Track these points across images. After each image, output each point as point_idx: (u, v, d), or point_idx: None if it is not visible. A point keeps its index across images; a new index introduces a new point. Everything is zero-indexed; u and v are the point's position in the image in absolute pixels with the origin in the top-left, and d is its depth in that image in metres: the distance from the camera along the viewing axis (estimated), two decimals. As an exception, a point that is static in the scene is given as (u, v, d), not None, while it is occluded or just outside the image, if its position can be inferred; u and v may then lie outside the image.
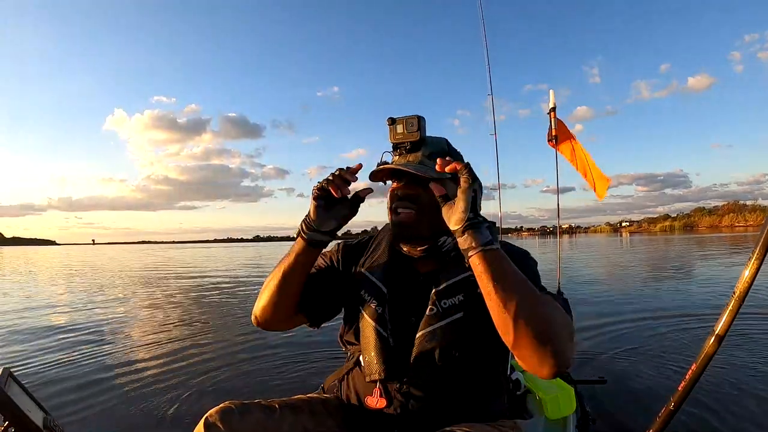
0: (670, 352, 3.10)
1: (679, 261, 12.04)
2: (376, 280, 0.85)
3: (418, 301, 0.81)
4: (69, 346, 3.57)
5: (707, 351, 0.90)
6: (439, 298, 0.79)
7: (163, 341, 3.75)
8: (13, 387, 0.75)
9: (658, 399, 2.21)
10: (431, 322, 0.78)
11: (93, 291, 7.92)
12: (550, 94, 2.65)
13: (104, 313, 5.33)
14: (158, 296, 7.01)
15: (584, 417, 1.58)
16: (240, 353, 3.30)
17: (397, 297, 0.83)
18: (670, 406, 0.98)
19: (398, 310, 0.83)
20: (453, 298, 0.78)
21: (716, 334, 0.88)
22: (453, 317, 0.77)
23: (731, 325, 0.87)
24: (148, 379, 2.71)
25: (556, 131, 2.65)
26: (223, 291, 7.58)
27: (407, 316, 0.82)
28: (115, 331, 4.19)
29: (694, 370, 0.92)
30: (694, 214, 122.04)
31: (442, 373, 0.78)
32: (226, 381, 2.65)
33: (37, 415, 0.78)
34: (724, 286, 6.29)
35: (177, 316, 5.05)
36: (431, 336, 0.77)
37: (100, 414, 2.19)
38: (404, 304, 0.83)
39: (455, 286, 0.79)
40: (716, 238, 29.41)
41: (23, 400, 0.76)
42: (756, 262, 0.82)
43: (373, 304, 0.83)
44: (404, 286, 0.84)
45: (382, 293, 0.83)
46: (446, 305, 0.78)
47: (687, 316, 4.32)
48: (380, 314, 0.82)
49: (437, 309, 0.78)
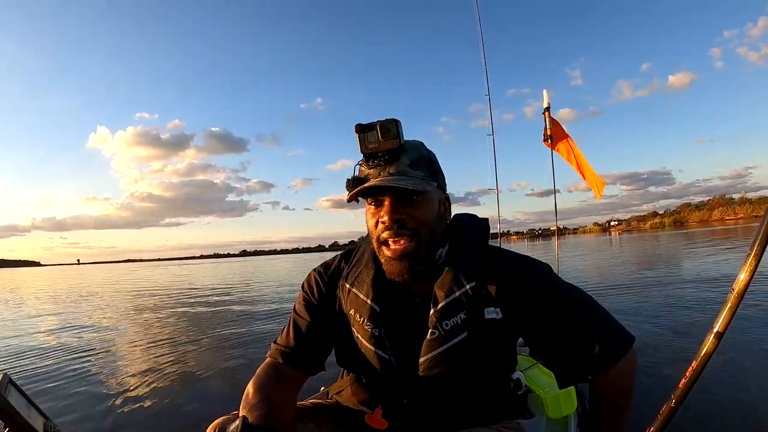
0: (670, 350, 3.11)
1: (679, 256, 12.06)
2: (366, 298, 0.78)
3: (417, 324, 0.75)
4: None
5: (707, 348, 0.90)
6: (440, 320, 0.72)
7: (165, 351, 3.73)
8: (13, 393, 0.75)
9: (658, 397, 2.21)
10: (434, 347, 0.73)
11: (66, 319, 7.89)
12: (544, 94, 2.65)
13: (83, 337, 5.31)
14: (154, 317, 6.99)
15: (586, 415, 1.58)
16: (239, 358, 3.29)
17: (391, 317, 0.78)
18: (671, 403, 0.98)
19: (395, 331, 0.77)
20: (454, 318, 0.72)
21: (716, 332, 0.88)
22: (457, 339, 0.72)
23: (731, 322, 0.87)
24: (148, 386, 2.70)
25: (551, 131, 2.65)
26: (212, 304, 7.60)
27: (406, 340, 0.76)
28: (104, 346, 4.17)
29: (695, 367, 0.92)
30: (682, 209, 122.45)
31: (448, 394, 0.75)
32: (228, 388, 2.64)
33: (37, 420, 0.77)
34: (725, 281, 6.30)
35: (169, 329, 5.03)
36: (436, 362, 0.73)
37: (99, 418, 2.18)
38: (401, 325, 0.77)
39: (455, 304, 0.73)
40: (709, 231, 29.45)
41: (23, 405, 0.75)
42: (754, 258, 0.82)
43: (368, 327, 0.77)
44: (398, 306, 0.78)
45: (376, 312, 0.77)
46: (448, 327, 0.72)
47: (687, 315, 4.32)
48: (377, 336, 0.76)
49: (439, 332, 0.72)
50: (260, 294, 9.16)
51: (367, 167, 0.74)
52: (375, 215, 0.74)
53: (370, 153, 0.72)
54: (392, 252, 0.72)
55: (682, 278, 6.98)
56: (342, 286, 0.82)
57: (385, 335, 0.77)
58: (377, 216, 0.74)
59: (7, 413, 0.69)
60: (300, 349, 0.81)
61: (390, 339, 0.77)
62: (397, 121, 0.70)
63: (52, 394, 2.71)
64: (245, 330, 4.71)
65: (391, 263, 0.73)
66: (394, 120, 0.70)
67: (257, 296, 8.69)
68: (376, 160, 0.72)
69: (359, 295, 0.79)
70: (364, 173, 0.74)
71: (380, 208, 0.73)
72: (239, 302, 7.58)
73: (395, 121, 0.70)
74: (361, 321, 0.77)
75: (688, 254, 12.67)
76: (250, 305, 7.08)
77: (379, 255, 0.76)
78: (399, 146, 0.71)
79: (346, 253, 0.90)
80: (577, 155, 2.67)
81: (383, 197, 0.73)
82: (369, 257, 0.82)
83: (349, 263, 0.86)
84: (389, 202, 0.72)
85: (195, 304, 7.69)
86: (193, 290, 10.66)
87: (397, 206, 0.72)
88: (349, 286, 0.81)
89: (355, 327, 0.79)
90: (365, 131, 0.71)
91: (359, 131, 0.71)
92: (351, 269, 0.84)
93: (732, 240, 17.60)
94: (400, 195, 0.71)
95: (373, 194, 0.73)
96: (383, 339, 0.77)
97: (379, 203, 0.74)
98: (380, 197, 0.73)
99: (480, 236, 0.82)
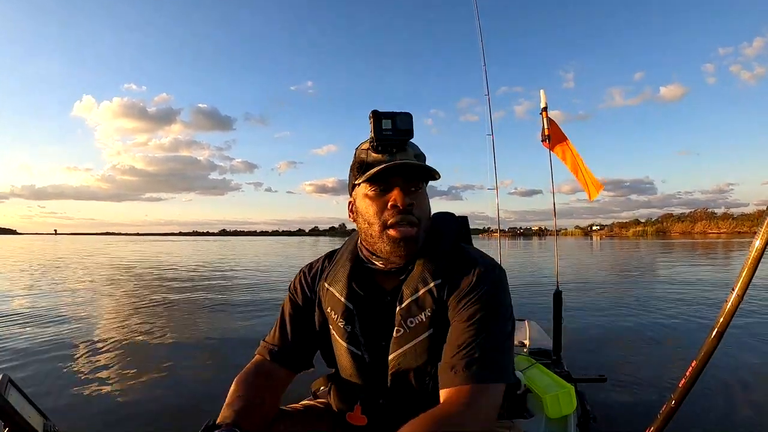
0: (670, 349, 3.11)
1: (672, 262, 12.08)
2: (340, 296, 0.80)
3: (387, 321, 0.77)
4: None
5: (708, 347, 0.90)
6: (404, 318, 0.74)
7: (147, 352, 3.71)
8: (13, 392, 0.75)
9: (659, 396, 2.21)
10: (400, 344, 0.75)
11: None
12: (541, 94, 2.64)
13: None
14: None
15: (585, 415, 1.58)
16: (232, 358, 3.28)
17: (364, 314, 0.79)
18: (671, 403, 0.98)
19: (368, 328, 0.79)
20: (419, 316, 0.74)
21: (717, 330, 0.88)
22: (421, 336, 0.74)
23: (731, 320, 0.87)
24: (130, 389, 2.69)
25: (548, 131, 2.65)
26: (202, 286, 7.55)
27: (377, 337, 0.78)
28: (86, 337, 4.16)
29: (695, 366, 0.92)
30: (664, 219, 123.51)
31: (420, 390, 0.76)
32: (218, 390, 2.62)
33: (37, 420, 0.77)
34: (721, 284, 6.31)
35: (151, 324, 5.01)
36: (402, 358, 0.74)
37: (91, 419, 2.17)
38: (373, 322, 0.78)
39: (419, 301, 0.74)
40: (697, 243, 29.47)
41: (23, 405, 0.75)
42: (754, 259, 0.82)
43: (341, 323, 0.79)
44: (370, 303, 0.79)
45: (349, 310, 0.79)
46: (412, 324, 0.74)
47: (688, 313, 4.33)
48: (350, 332, 0.78)
49: (404, 330, 0.74)
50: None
51: (376, 153, 0.74)
52: (379, 199, 0.74)
53: (383, 139, 0.72)
54: (400, 233, 0.73)
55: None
56: (322, 286, 0.85)
57: (359, 332, 0.78)
58: (382, 199, 0.74)
59: (7, 413, 0.69)
60: (286, 348, 0.83)
61: (364, 336, 0.79)
62: (411, 115, 0.74)
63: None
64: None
65: (398, 245, 0.73)
66: (409, 113, 0.73)
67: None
68: (388, 147, 0.73)
69: (335, 294, 0.81)
70: (374, 159, 0.74)
71: (387, 193, 0.74)
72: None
73: (410, 114, 0.73)
74: (336, 319, 0.80)
75: (685, 259, 12.68)
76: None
77: (379, 240, 0.75)
78: (409, 138, 0.74)
79: (330, 253, 0.92)
80: (575, 155, 2.67)
81: (394, 180, 0.73)
82: (347, 256, 0.84)
83: (331, 263, 0.88)
84: (401, 186, 0.73)
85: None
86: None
87: (407, 191, 0.73)
88: (327, 285, 0.83)
89: (332, 325, 0.81)
90: (381, 118, 0.72)
91: (376, 117, 0.72)
92: (331, 268, 0.85)
93: (727, 250, 17.61)
94: (410, 181, 0.74)
95: (389, 176, 0.73)
96: (357, 336, 0.78)
97: (386, 188, 0.74)
98: (391, 181, 0.73)
99: (453, 235, 0.84)
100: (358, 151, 0.77)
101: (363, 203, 0.76)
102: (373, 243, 0.77)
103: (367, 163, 0.74)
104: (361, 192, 0.76)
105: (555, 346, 2.11)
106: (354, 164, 0.77)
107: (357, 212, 0.79)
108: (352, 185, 0.80)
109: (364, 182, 0.74)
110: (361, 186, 0.76)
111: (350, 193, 0.82)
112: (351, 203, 0.82)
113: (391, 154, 0.73)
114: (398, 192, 0.72)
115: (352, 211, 0.81)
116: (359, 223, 0.79)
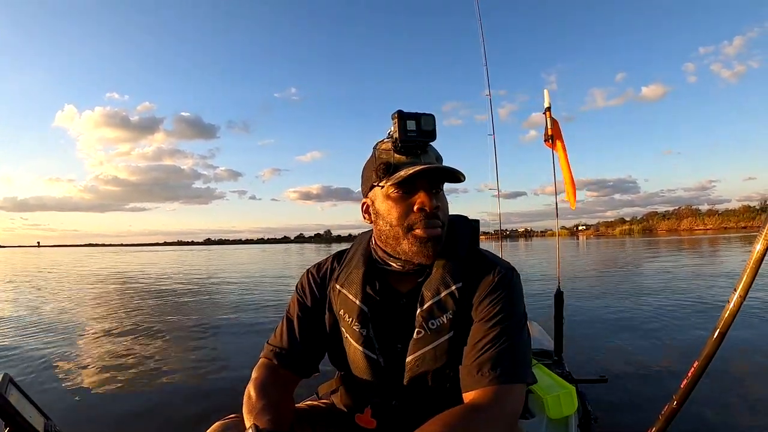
0: (671, 350, 3.11)
1: (667, 260, 12.06)
2: (355, 299, 0.78)
3: (403, 323, 0.76)
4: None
5: (709, 348, 0.90)
6: (426, 320, 0.73)
7: (153, 354, 3.73)
8: (14, 392, 0.75)
9: (660, 397, 2.21)
10: (420, 346, 0.73)
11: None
12: (545, 94, 2.63)
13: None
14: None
15: (586, 416, 1.58)
16: (233, 359, 3.29)
17: (379, 317, 0.78)
18: (672, 404, 0.98)
19: (383, 331, 0.78)
20: (441, 318, 0.73)
21: (718, 331, 0.88)
22: (442, 338, 0.73)
23: (733, 322, 0.87)
24: (139, 390, 2.69)
25: (551, 131, 2.64)
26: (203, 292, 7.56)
27: (393, 339, 0.77)
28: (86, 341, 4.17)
29: (697, 367, 0.92)
30: (649, 217, 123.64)
31: (436, 393, 0.75)
32: (222, 391, 2.62)
33: (38, 420, 0.78)
34: (723, 281, 6.30)
35: (153, 327, 5.02)
36: (421, 360, 0.73)
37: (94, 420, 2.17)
38: (388, 324, 0.77)
39: (441, 304, 0.73)
40: (686, 240, 29.36)
41: (24, 405, 0.76)
42: (756, 260, 0.82)
43: (356, 327, 0.77)
44: (385, 305, 0.78)
45: (364, 313, 0.77)
46: (434, 326, 0.73)
47: (688, 314, 4.33)
48: (366, 336, 0.77)
49: (425, 332, 0.73)
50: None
51: (399, 155, 0.73)
52: (404, 201, 0.73)
53: (408, 141, 0.72)
54: (427, 233, 0.72)
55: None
56: (333, 287, 0.83)
57: (373, 335, 0.77)
58: (407, 202, 0.73)
59: (8, 413, 0.69)
60: (294, 351, 0.81)
61: (378, 339, 0.77)
62: (434, 116, 0.73)
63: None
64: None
65: (425, 245, 0.73)
66: (432, 115, 0.73)
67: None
68: (412, 148, 0.72)
69: (348, 296, 0.79)
70: (398, 160, 0.73)
71: (412, 195, 0.73)
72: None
73: (433, 115, 0.73)
74: (350, 321, 0.78)
75: (680, 256, 12.64)
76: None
77: (404, 241, 0.74)
78: (432, 140, 0.74)
79: (338, 254, 0.90)
80: (566, 160, 2.66)
81: (420, 183, 0.72)
82: (360, 258, 0.83)
83: (341, 264, 0.86)
84: (426, 189, 0.72)
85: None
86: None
87: (432, 194, 0.73)
88: (339, 287, 0.81)
89: (345, 327, 0.80)
90: (406, 119, 0.71)
91: (400, 118, 0.71)
92: (342, 270, 0.84)
93: (724, 245, 17.58)
94: (434, 184, 0.73)
95: (416, 178, 0.72)
96: (371, 339, 0.77)
97: (411, 189, 0.73)
98: (417, 183, 0.73)
99: (469, 238, 0.83)
100: (379, 151, 0.75)
101: (385, 205, 0.75)
102: (396, 245, 0.75)
103: (394, 165, 0.72)
104: (383, 193, 0.75)
105: (556, 346, 2.11)
106: (377, 165, 0.74)
107: (376, 214, 0.77)
108: (370, 186, 0.77)
109: (390, 184, 0.72)
110: (384, 188, 0.74)
111: (365, 194, 0.80)
112: (367, 204, 0.80)
113: (416, 156, 0.73)
114: (426, 195, 0.72)
115: (368, 212, 0.80)
116: (379, 225, 0.77)
